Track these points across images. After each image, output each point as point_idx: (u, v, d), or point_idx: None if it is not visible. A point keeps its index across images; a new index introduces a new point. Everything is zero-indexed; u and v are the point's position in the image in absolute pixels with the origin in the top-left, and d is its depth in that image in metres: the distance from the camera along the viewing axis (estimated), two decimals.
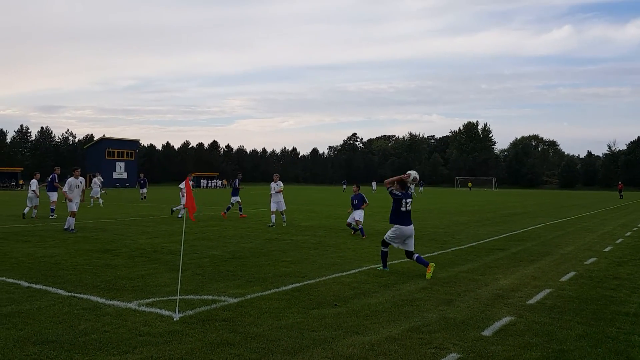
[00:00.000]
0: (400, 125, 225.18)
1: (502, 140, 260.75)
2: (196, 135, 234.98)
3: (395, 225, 9.30)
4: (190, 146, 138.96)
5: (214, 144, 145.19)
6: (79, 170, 16.31)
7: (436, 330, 5.79)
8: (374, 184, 72.04)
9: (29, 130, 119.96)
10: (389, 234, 9.44)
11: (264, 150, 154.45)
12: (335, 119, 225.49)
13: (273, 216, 17.65)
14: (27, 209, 20.63)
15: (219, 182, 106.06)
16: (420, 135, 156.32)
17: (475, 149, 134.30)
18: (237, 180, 22.75)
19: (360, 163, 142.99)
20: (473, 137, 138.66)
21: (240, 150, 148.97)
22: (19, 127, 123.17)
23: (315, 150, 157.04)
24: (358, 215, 15.36)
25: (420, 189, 67.82)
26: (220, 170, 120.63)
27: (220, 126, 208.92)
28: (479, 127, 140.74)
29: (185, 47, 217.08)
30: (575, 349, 5.28)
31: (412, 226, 9.36)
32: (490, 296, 7.55)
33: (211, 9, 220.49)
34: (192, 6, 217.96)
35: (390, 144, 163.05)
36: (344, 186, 73.30)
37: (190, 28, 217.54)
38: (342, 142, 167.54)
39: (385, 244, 9.53)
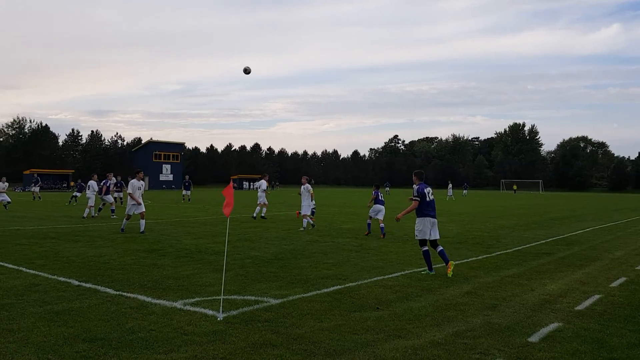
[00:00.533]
0: (443, 126, 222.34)
1: (549, 141, 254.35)
2: (239, 138, 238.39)
3: (418, 218, 9.57)
4: (233, 149, 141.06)
5: (256, 147, 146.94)
6: (142, 172, 16.66)
7: (481, 336, 5.68)
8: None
9: (80, 134, 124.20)
10: (415, 229, 9.69)
11: (305, 152, 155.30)
12: (377, 120, 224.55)
13: (304, 221, 17.47)
14: (87, 211, 21.44)
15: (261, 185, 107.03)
16: (464, 137, 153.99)
17: (521, 151, 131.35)
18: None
19: (402, 165, 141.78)
20: (519, 138, 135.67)
21: (282, 152, 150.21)
22: (71, 130, 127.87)
23: (356, 153, 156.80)
24: (381, 214, 15.80)
25: (465, 191, 66.77)
26: (262, 173, 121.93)
27: (262, 129, 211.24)
28: (525, 128, 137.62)
29: (229, 52, 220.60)
30: (626, 357, 5.08)
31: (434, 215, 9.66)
32: (536, 301, 7.35)
33: (254, 14, 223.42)
34: (236, 12, 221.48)
35: (432, 146, 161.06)
36: (387, 189, 72.73)
37: (233, 33, 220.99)
38: (383, 144, 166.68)
39: (422, 242, 9.58)
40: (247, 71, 11.95)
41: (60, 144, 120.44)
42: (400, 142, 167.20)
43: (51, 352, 4.88)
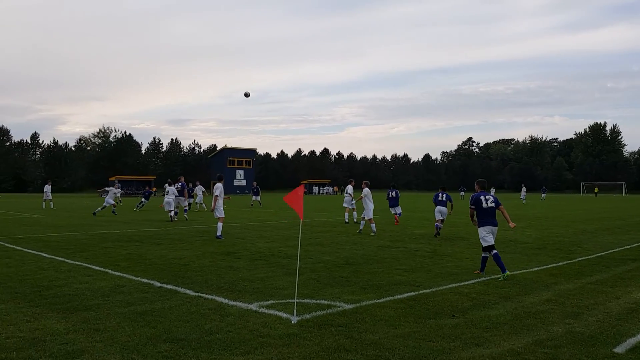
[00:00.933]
0: (520, 128, 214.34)
1: (632, 142, 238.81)
2: (308, 143, 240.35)
3: (479, 227, 9.77)
4: (302, 154, 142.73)
5: (325, 152, 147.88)
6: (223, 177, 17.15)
7: (562, 345, 5.40)
8: (492, 190, 69.08)
9: (161, 142, 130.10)
10: (480, 238, 9.78)
11: (374, 156, 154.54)
12: (449, 123, 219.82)
13: (373, 225, 17.37)
14: (173, 213, 22.61)
15: (330, 189, 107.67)
16: (542, 138, 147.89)
17: (602, 152, 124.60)
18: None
19: (477, 169, 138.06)
20: (600, 139, 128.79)
21: (351, 157, 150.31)
22: (152, 139, 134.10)
23: (427, 156, 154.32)
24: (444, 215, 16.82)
25: (543, 195, 64.11)
26: (332, 177, 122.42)
27: (330, 134, 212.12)
28: (607, 128, 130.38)
29: (298, 59, 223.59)
30: None
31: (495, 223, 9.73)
32: (622, 310, 6.91)
33: (321, 20, 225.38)
34: (304, 19, 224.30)
35: (509, 148, 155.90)
36: (462, 193, 70.85)
37: (301, 40, 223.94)
38: (456, 147, 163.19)
39: (489, 248, 9.65)
40: (247, 95, 13.22)
41: (143, 151, 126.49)
42: (474, 144, 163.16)
43: (135, 351, 5.09)
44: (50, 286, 8.15)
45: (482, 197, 9.77)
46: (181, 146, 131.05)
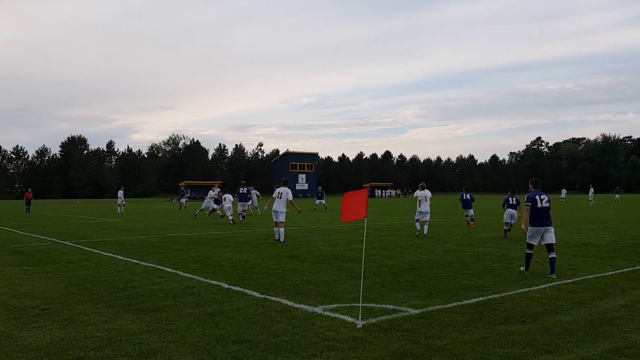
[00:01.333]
0: (591, 126, 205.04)
1: None
2: (369, 146, 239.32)
3: (530, 226, 9.82)
4: (364, 157, 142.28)
5: (387, 154, 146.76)
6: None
7: None
8: (563, 191, 66.18)
9: (226, 148, 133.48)
10: (527, 234, 9.96)
11: (439, 158, 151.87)
12: (517, 122, 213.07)
13: (422, 226, 17.30)
14: (231, 217, 23.82)
15: (393, 192, 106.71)
16: (615, 137, 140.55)
17: None
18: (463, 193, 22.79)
19: (547, 169, 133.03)
20: None
21: (414, 159, 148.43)
22: (218, 145, 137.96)
23: (494, 157, 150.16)
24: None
25: (617, 196, 60.87)
26: (394, 180, 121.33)
27: (392, 136, 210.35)
28: None
29: (358, 62, 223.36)
30: None
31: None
32: None
33: (381, 22, 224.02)
34: (363, 22, 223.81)
35: (580, 148, 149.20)
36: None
37: (362, 43, 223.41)
38: (524, 147, 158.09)
39: (529, 246, 9.93)
40: None
41: (210, 157, 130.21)
42: (543, 144, 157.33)
43: (205, 352, 5.22)
44: (125, 287, 8.52)
45: (537, 197, 9.84)
46: (245, 151, 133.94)
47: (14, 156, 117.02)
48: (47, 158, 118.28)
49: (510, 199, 17.22)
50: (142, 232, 19.81)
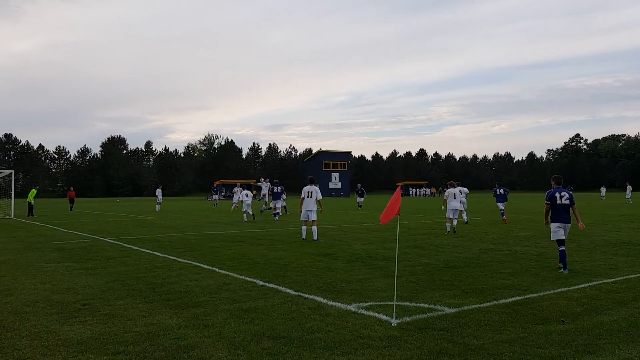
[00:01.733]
0: (632, 122, 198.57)
1: None
2: (403, 145, 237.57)
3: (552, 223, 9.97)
4: (398, 155, 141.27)
5: (422, 152, 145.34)
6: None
7: None
8: (602, 189, 64.23)
9: (260, 147, 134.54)
10: (551, 232, 10.02)
11: (475, 156, 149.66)
12: (554, 119, 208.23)
13: (454, 219, 17.80)
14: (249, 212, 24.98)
15: (428, 191, 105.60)
16: None
17: None
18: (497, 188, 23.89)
19: (585, 167, 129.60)
20: None
21: (449, 157, 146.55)
22: (252, 144, 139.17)
23: (532, 155, 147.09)
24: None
25: None
26: (429, 178, 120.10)
27: (427, 134, 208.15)
28: None
29: (392, 60, 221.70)
30: None
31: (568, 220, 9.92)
32: None
33: (415, 19, 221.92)
34: (397, 19, 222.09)
35: (620, 145, 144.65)
36: (571, 192, 66.40)
37: (396, 40, 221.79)
38: (562, 144, 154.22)
39: (559, 243, 9.93)
40: None
41: (244, 156, 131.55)
42: (582, 141, 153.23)
43: (240, 347, 5.27)
44: (164, 283, 8.67)
45: (557, 194, 9.98)
46: (278, 150, 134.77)
47: (56, 156, 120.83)
48: (88, 158, 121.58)
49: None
50: (179, 229, 20.15)
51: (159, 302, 7.31)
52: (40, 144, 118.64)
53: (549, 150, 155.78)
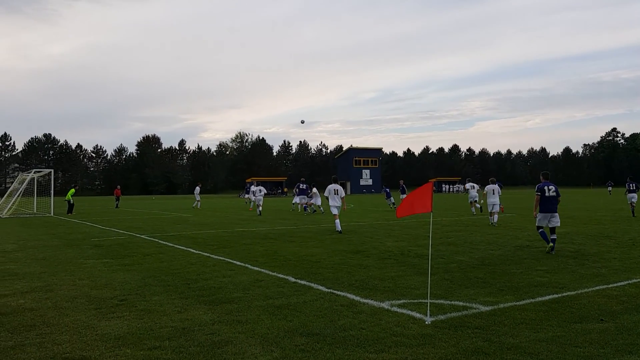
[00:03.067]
0: None
1: None
2: (435, 141, 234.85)
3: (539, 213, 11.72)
4: (430, 151, 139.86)
5: (455, 148, 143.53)
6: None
7: None
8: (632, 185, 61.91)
9: (290, 145, 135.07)
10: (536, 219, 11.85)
11: (509, 151, 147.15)
12: (589, 113, 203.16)
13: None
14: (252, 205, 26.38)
15: (461, 187, 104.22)
16: None
17: None
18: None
19: (623, 161, 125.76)
20: None
21: (483, 152, 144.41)
22: (282, 142, 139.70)
23: (567, 150, 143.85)
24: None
25: None
26: (462, 174, 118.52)
27: (459, 129, 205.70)
28: None
29: (423, 55, 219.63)
30: None
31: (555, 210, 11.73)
32: None
33: (446, 13, 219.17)
34: (427, 13, 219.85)
35: None
36: (610, 188, 64.43)
37: (426, 35, 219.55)
38: (599, 139, 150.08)
39: (538, 227, 11.86)
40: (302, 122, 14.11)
41: (275, 154, 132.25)
42: (619, 135, 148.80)
43: (274, 343, 5.29)
44: (198, 279, 8.78)
45: (545, 187, 11.81)
46: (309, 148, 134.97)
47: (94, 155, 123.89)
48: (124, 157, 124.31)
49: (630, 185, 21.90)
50: (213, 226, 20.39)
51: (193, 297, 7.40)
52: (78, 144, 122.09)
53: (585, 144, 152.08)
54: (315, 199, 29.44)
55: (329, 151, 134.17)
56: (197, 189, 39.22)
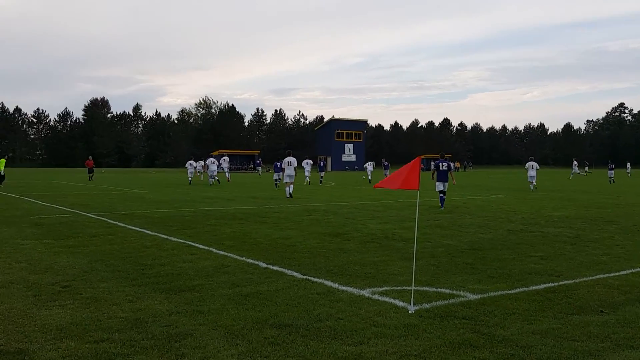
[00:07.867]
0: None
1: None
2: (425, 113, 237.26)
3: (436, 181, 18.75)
4: (419, 125, 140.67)
5: (445, 122, 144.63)
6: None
7: None
8: (628, 166, 63.22)
9: (264, 114, 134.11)
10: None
11: (504, 127, 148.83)
12: (594, 86, 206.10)
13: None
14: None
15: (452, 165, 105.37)
16: None
17: None
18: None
19: (630, 139, 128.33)
20: None
21: (476, 128, 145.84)
22: (255, 110, 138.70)
23: (568, 126, 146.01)
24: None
25: None
26: (453, 151, 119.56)
27: (451, 102, 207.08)
28: None
29: (412, 18, 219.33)
30: None
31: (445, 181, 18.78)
32: None
33: None
34: None
35: None
36: (611, 172, 65.60)
37: None
38: (604, 114, 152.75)
39: (439, 192, 18.49)
40: None
41: (246, 124, 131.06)
42: (626, 111, 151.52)
43: (240, 336, 5.29)
44: (153, 265, 8.73)
45: (440, 163, 18.76)
46: (285, 118, 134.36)
47: (34, 120, 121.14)
48: (69, 122, 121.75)
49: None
50: (172, 204, 20.25)
51: (147, 285, 7.35)
52: (17, 107, 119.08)
53: (588, 121, 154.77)
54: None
55: (307, 122, 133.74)
56: (309, 162, 37.38)
